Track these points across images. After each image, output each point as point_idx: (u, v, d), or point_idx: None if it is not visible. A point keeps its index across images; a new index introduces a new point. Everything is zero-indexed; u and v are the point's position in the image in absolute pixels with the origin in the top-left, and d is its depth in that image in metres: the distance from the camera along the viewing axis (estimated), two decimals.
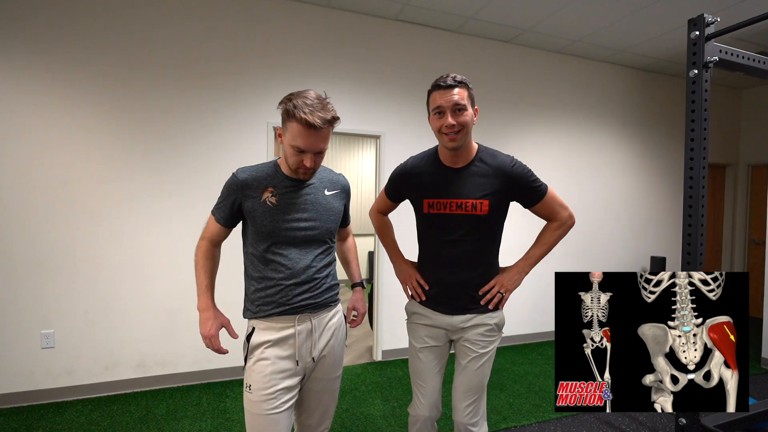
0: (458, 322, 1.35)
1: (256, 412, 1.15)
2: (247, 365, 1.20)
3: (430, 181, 1.36)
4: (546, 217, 1.40)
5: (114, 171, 2.57)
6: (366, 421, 2.27)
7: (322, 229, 1.25)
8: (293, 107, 1.09)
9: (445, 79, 1.25)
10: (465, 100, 1.25)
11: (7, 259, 2.38)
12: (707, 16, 1.73)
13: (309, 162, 1.15)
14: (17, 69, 2.37)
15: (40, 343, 2.44)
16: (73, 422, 2.21)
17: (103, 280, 2.55)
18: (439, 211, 1.33)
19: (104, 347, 2.56)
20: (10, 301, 2.39)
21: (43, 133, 2.43)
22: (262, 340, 1.18)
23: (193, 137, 2.73)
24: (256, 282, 1.22)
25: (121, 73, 2.56)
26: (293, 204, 1.21)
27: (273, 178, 1.22)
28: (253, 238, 1.23)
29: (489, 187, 1.30)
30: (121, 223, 2.58)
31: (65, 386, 2.48)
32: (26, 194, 2.41)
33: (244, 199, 1.20)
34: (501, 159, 1.34)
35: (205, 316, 1.21)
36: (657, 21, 3.18)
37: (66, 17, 2.45)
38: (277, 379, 1.16)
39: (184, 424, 2.20)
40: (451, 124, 1.23)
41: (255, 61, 2.85)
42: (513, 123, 3.66)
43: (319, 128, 1.10)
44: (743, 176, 4.77)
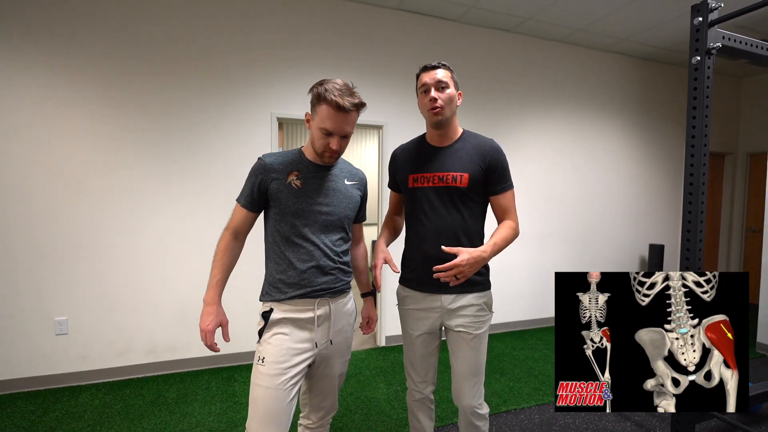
0: (447, 302, 1.34)
1: (266, 385, 1.13)
2: (263, 338, 1.19)
3: (416, 158, 1.42)
4: (501, 213, 1.39)
5: (122, 162, 2.56)
6: (370, 404, 2.29)
7: (341, 215, 1.27)
8: (324, 90, 1.15)
9: (431, 63, 1.35)
10: (448, 79, 1.32)
11: (21, 249, 2.39)
12: (711, 2, 1.67)
13: (335, 144, 1.19)
14: (29, 62, 2.35)
15: (54, 330, 2.47)
16: (87, 405, 2.24)
17: (114, 269, 2.56)
18: (423, 185, 1.36)
19: (117, 334, 2.59)
20: (25, 289, 2.41)
21: (53, 126, 2.41)
22: (282, 316, 1.19)
23: (199, 128, 2.71)
24: (277, 265, 1.22)
25: (128, 66, 2.53)
26: (316, 188, 1.23)
27: (298, 163, 1.25)
28: (276, 220, 1.22)
29: (469, 163, 1.34)
30: (130, 213, 2.58)
31: (80, 371, 2.51)
32: (39, 186, 2.40)
33: (270, 182, 1.21)
34: (482, 139, 1.40)
35: (207, 311, 1.20)
36: (658, 8, 3.10)
37: (75, 12, 2.42)
38: (291, 355, 1.16)
39: (194, 407, 2.23)
40: (433, 98, 1.30)
41: (258, 53, 2.81)
42: (514, 112, 3.61)
43: (348, 111, 1.15)
44: (742, 165, 4.71)
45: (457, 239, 1.33)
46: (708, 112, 1.75)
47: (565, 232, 3.87)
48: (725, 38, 1.72)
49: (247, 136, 2.82)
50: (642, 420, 2.17)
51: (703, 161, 1.78)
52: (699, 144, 1.77)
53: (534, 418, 2.19)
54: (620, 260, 4.16)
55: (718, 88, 4.56)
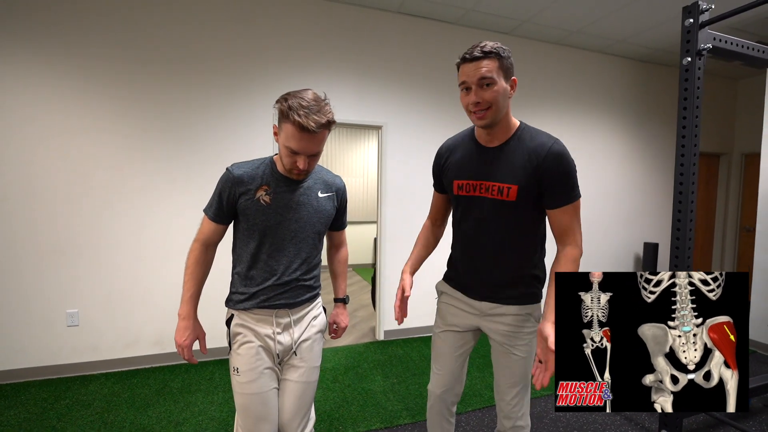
0: (487, 308, 1.21)
1: (247, 393, 1.14)
2: (232, 350, 1.18)
3: (461, 161, 1.21)
4: (560, 231, 1.14)
5: (130, 162, 2.58)
6: (366, 396, 2.30)
7: (310, 231, 1.20)
8: (288, 108, 1.02)
9: (471, 51, 1.06)
10: (494, 72, 1.04)
11: (33, 245, 2.42)
12: (701, 3, 1.65)
13: (302, 164, 1.08)
14: (42, 64, 2.37)
15: (65, 322, 2.50)
16: (96, 393, 2.27)
17: (123, 264, 2.59)
18: (468, 193, 1.18)
19: (125, 326, 2.62)
20: (37, 283, 2.44)
21: (63, 127, 2.44)
22: (243, 323, 1.17)
23: (205, 128, 2.72)
24: (240, 276, 1.19)
25: (136, 68, 2.55)
26: (285, 204, 1.16)
27: (268, 177, 1.16)
28: (244, 234, 1.18)
29: (521, 171, 1.09)
30: (138, 211, 2.60)
31: (89, 361, 2.54)
32: (50, 185, 2.43)
33: (239, 196, 1.14)
34: (541, 140, 1.10)
35: (183, 325, 1.16)
36: (654, 10, 3.06)
37: (85, 14, 2.43)
38: (262, 359, 1.15)
39: (197, 396, 2.25)
40: (475, 101, 1.05)
41: (263, 56, 2.82)
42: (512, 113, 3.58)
43: (314, 132, 1.02)
44: (737, 165, 4.64)
45: (503, 255, 1.17)
46: (698, 112, 1.72)
47: None
48: (716, 39, 1.69)
49: (252, 134, 2.82)
50: (631, 413, 2.16)
51: (693, 161, 1.76)
52: (689, 144, 1.75)
53: None
54: (615, 258, 4.13)
55: (715, 89, 4.50)
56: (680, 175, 1.80)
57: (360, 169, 6.02)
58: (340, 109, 3.03)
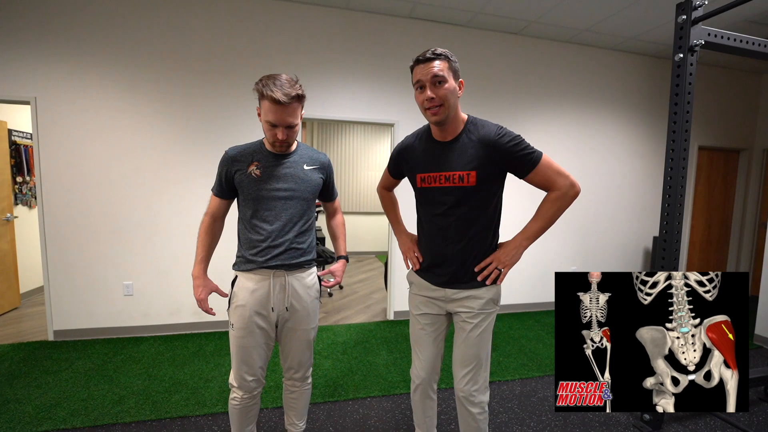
0: (451, 293, 1.24)
1: (237, 345, 1.27)
2: (231, 307, 1.28)
3: (421, 156, 1.24)
4: (543, 186, 1.17)
5: (173, 157, 2.78)
6: (370, 368, 2.38)
7: (300, 198, 1.28)
8: (263, 86, 1.13)
9: (424, 54, 1.09)
10: (445, 71, 1.08)
11: (94, 226, 2.69)
12: (695, 0, 1.54)
13: (281, 134, 1.18)
14: (108, 80, 2.60)
15: (123, 291, 2.77)
16: (145, 352, 2.51)
17: (168, 243, 2.82)
18: (431, 185, 1.21)
19: (170, 297, 2.85)
20: (99, 258, 2.71)
21: (119, 130, 2.67)
22: (243, 286, 1.26)
23: (237, 126, 2.87)
24: (243, 243, 1.30)
25: (177, 77, 2.73)
26: (274, 175, 1.25)
27: (258, 154, 1.26)
28: (242, 205, 1.30)
29: (476, 159, 1.13)
30: (179, 198, 2.81)
31: (141, 325, 2.81)
32: (108, 177, 2.68)
33: (234, 172, 1.26)
34: (487, 129, 1.15)
35: (196, 283, 1.30)
36: (664, 6, 2.84)
37: (130, 32, 2.63)
38: (255, 318, 1.25)
39: (226, 359, 2.43)
40: (430, 97, 1.08)
41: (283, 58, 2.91)
42: (522, 112, 3.48)
43: (286, 104, 1.12)
44: (758, 160, 4.24)
45: (466, 238, 1.20)
46: (690, 108, 1.63)
47: (569, 225, 3.71)
48: (710, 35, 1.58)
49: None
50: None
51: (683, 155, 1.67)
52: (679, 139, 1.66)
53: (515, 390, 2.18)
54: (624, 251, 3.93)
55: (737, 84, 4.11)
56: (670, 170, 1.71)
57: (378, 164, 6.14)
58: (356, 108, 3.08)
